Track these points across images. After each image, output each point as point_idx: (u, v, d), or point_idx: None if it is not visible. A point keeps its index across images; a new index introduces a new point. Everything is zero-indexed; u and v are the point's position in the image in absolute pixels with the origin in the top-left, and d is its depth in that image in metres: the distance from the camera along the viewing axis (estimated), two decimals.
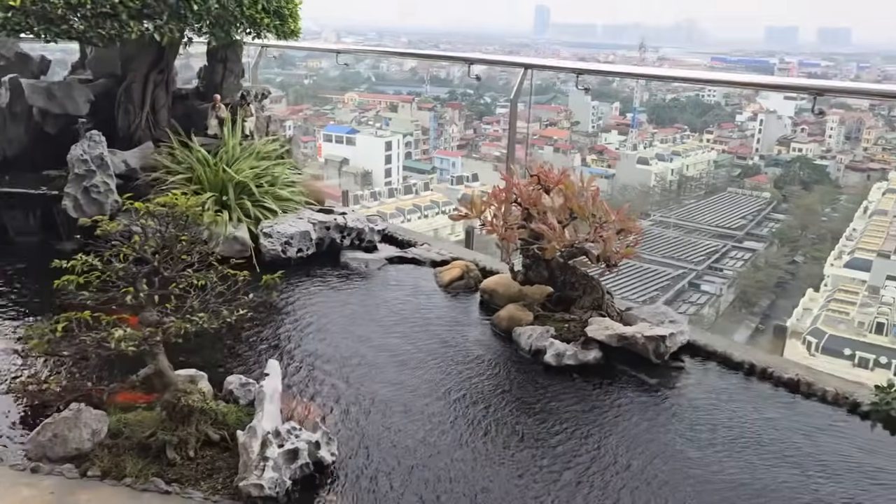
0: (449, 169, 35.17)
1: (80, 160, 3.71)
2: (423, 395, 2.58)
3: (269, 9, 4.09)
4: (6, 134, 4.18)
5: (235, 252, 3.61)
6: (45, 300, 3.15)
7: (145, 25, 3.66)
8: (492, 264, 3.74)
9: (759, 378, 2.76)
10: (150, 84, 4.26)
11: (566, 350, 2.81)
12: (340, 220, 4.00)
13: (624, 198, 29.17)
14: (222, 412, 2.20)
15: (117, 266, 2.07)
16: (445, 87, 40.16)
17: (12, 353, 2.67)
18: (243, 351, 2.83)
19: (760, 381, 2.75)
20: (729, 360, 2.86)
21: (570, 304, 3.10)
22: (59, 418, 2.06)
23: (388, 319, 3.20)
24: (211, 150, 4.08)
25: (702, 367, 2.86)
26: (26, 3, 3.47)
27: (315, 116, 35.69)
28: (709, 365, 2.88)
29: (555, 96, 38.39)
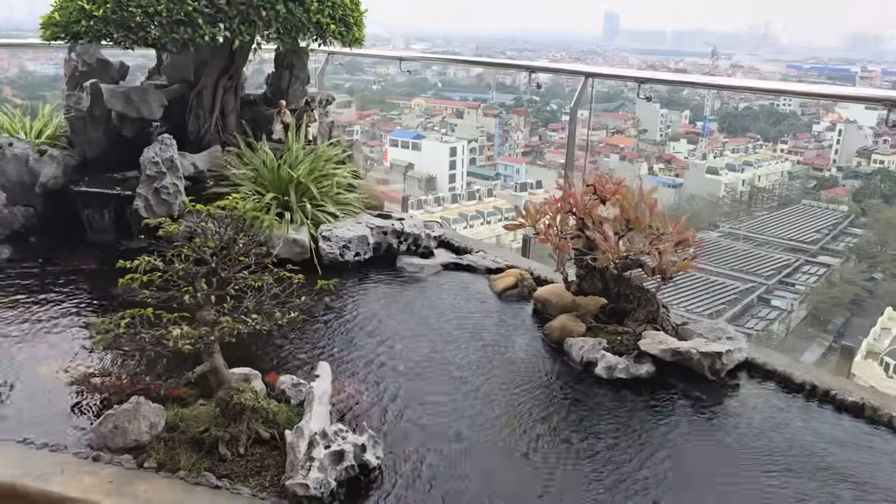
0: (513, 175, 35.08)
1: (152, 162, 3.87)
2: (469, 402, 2.58)
3: (336, 16, 4.18)
4: (86, 136, 4.39)
5: (295, 254, 3.71)
6: (113, 297, 3.30)
7: (217, 29, 3.79)
8: (546, 273, 3.71)
9: (820, 400, 2.66)
10: (220, 89, 4.40)
11: (618, 363, 2.77)
12: (398, 225, 4.04)
13: (692, 208, 28.48)
14: (273, 411, 2.26)
15: (178, 266, 2.15)
16: (511, 93, 40.08)
17: (80, 346, 2.82)
18: (297, 351, 2.90)
19: (822, 404, 2.64)
20: (789, 381, 2.76)
21: (624, 317, 3.05)
22: (120, 410, 2.15)
23: (439, 325, 3.22)
24: (276, 154, 4.19)
25: (759, 387, 2.77)
26: (107, 13, 3.65)
27: (382, 121, 36.18)
28: (767, 384, 2.79)
29: (622, 104, 37.80)
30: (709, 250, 23.44)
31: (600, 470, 2.23)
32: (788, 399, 2.69)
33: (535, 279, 3.66)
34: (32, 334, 2.92)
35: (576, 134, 4.43)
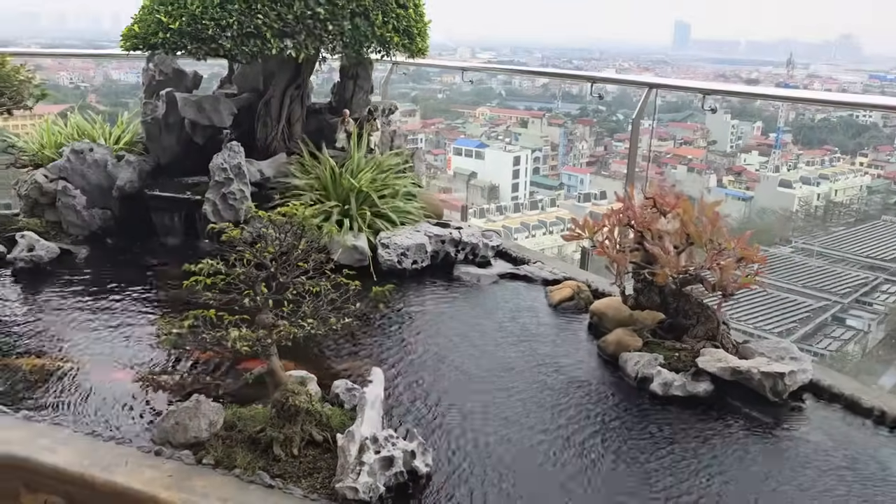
0: (577, 186, 34.67)
1: (221, 168, 4.01)
2: (521, 413, 2.58)
3: (399, 28, 4.26)
4: (161, 142, 4.59)
5: (354, 261, 3.78)
6: (178, 298, 3.43)
7: (285, 43, 3.91)
8: (604, 286, 3.67)
9: (890, 427, 2.54)
10: (287, 99, 4.53)
11: (674, 380, 2.71)
12: (456, 234, 4.07)
13: (762, 222, 27.56)
14: (327, 414, 2.31)
15: (239, 270, 2.22)
16: (577, 103, 39.70)
17: (147, 343, 2.94)
18: (353, 356, 2.95)
19: (891, 430, 2.52)
20: (856, 405, 2.64)
21: (682, 333, 2.99)
22: (182, 407, 2.23)
23: (494, 335, 3.22)
24: (338, 162, 4.28)
25: (824, 410, 2.67)
26: (182, 25, 3.82)
27: (446, 130, 36.34)
28: (832, 408, 2.68)
29: (691, 114, 36.94)
30: (780, 266, 22.64)
31: (654, 492, 2.19)
32: (854, 424, 2.58)
33: (592, 292, 3.62)
34: (103, 330, 3.07)
35: (638, 145, 4.37)
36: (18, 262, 3.73)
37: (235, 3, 3.78)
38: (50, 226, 4.22)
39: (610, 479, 2.24)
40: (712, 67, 55.36)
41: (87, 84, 18.20)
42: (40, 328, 3.08)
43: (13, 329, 3.06)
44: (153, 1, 4.01)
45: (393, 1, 4.18)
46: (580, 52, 66.04)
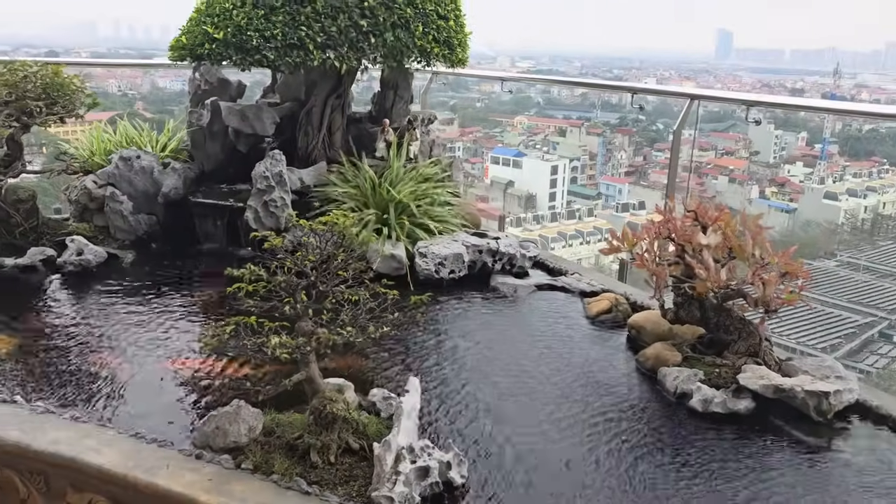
0: (615, 196, 34.39)
1: (263, 176, 4.08)
2: (557, 427, 2.56)
3: (440, 39, 4.29)
4: (205, 150, 4.68)
5: (392, 269, 3.81)
6: (220, 303, 3.50)
7: (327, 54, 3.97)
8: (642, 299, 3.63)
9: None
10: (328, 108, 4.59)
11: (714, 396, 2.67)
12: (493, 244, 4.07)
13: (807, 235, 26.94)
14: (363, 422, 2.32)
15: (280, 278, 2.26)
16: (616, 112, 39.39)
17: (189, 348, 3.00)
18: (390, 365, 2.96)
19: None
20: None
21: (723, 349, 2.94)
22: (222, 412, 2.27)
23: (531, 347, 3.21)
24: (377, 171, 4.32)
25: (871, 432, 2.60)
26: (227, 36, 3.90)
27: (484, 139, 36.36)
28: (880, 429, 2.60)
29: (734, 124, 36.35)
30: (825, 280, 22.09)
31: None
32: None
33: (630, 304, 3.58)
34: (147, 335, 3.14)
35: (679, 156, 4.32)
36: (68, 266, 3.84)
37: (280, 16, 3.85)
38: (98, 230, 4.34)
39: (648, 496, 2.21)
40: (756, 77, 54.44)
41: (135, 92, 18.69)
42: (86, 331, 3.16)
43: (61, 331, 3.15)
44: (200, 13, 4.11)
45: (434, 13, 4.21)
46: (620, 62, 65.55)
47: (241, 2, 3.92)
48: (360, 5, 3.95)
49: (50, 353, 2.94)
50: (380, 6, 3.98)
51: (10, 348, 2.95)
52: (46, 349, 2.97)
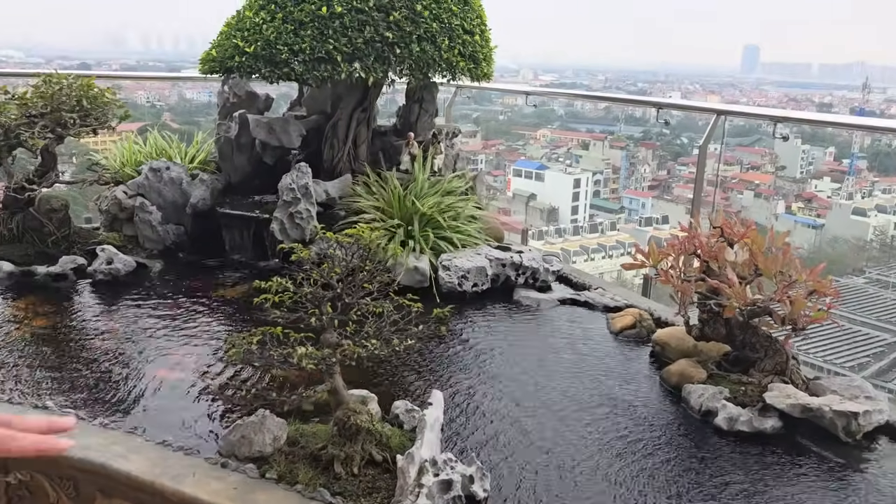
0: (638, 209, 34.23)
1: (289, 188, 4.13)
2: (579, 442, 2.55)
3: (466, 53, 4.32)
4: (232, 162, 4.75)
5: (415, 282, 3.83)
6: (246, 313, 3.54)
7: (354, 66, 4.02)
8: (666, 315, 3.61)
9: None
10: (354, 121, 4.64)
11: (740, 415, 2.64)
12: (516, 258, 4.07)
13: (834, 251, 26.56)
14: (387, 434, 2.33)
15: (306, 290, 2.29)
16: (640, 126, 39.25)
17: (216, 357, 3.04)
18: (412, 377, 2.98)
19: None
20: None
21: (749, 366, 2.91)
22: (248, 421, 2.30)
23: (553, 362, 3.21)
24: (402, 184, 4.35)
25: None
26: (257, 50, 3.97)
27: (507, 151, 36.42)
28: None
29: (759, 139, 36.06)
30: (853, 298, 21.71)
31: None
32: None
33: (654, 320, 3.56)
34: (175, 343, 3.19)
35: (705, 171, 4.29)
36: (98, 275, 3.91)
37: (308, 30, 3.91)
38: (127, 240, 4.42)
39: None
40: (782, 91, 53.95)
41: (163, 103, 19.03)
42: (114, 339, 3.21)
43: (90, 338, 3.21)
44: (231, 27, 4.19)
45: (460, 27, 4.25)
46: (644, 75, 65.32)
47: (271, 16, 3.99)
48: (386, 19, 4.00)
49: (80, 360, 2.99)
50: (405, 19, 4.03)
51: (42, 356, 3.01)
52: (77, 356, 3.03)
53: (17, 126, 3.93)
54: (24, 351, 3.04)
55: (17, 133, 3.93)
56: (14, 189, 4.01)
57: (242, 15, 4.18)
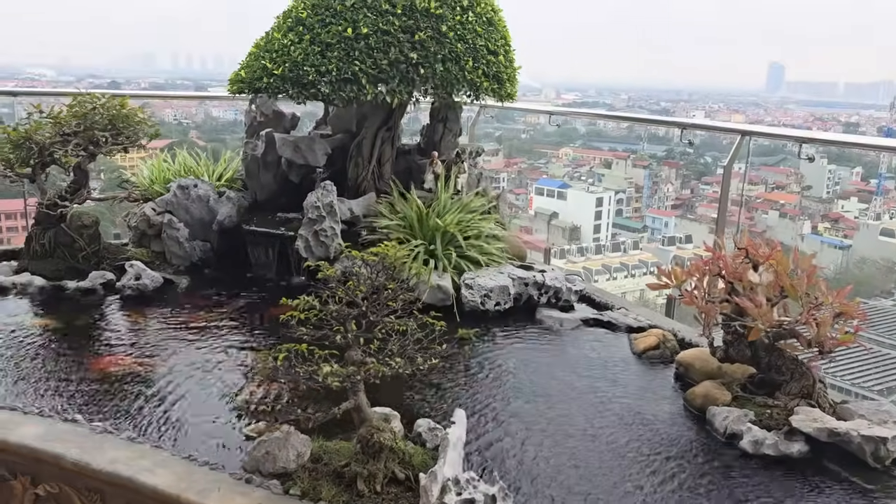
0: (661, 229, 34.00)
1: (314, 206, 4.18)
2: (601, 463, 2.54)
3: (489, 73, 4.36)
4: (259, 180, 4.82)
5: (438, 300, 3.84)
6: (272, 329, 3.57)
7: (379, 88, 4.07)
8: (690, 336, 3.59)
9: None
10: (379, 140, 4.69)
11: (766, 438, 2.61)
12: (539, 277, 4.08)
13: (861, 272, 26.13)
14: (409, 453, 2.34)
15: (332, 307, 2.31)
16: (663, 145, 39.08)
17: (242, 373, 3.08)
18: (435, 396, 2.98)
19: None
20: None
21: (775, 389, 2.88)
22: (272, 438, 2.32)
23: (576, 381, 3.20)
24: (425, 203, 4.38)
25: None
26: (285, 71, 4.04)
27: (529, 170, 36.39)
28: None
29: (784, 158, 35.72)
30: (881, 320, 21.32)
31: None
32: None
33: (678, 341, 3.54)
34: (201, 358, 3.23)
35: (729, 192, 4.27)
36: (126, 290, 3.98)
37: (335, 51, 3.98)
38: (155, 256, 4.49)
39: None
40: (808, 110, 53.48)
41: (189, 120, 19.36)
42: (142, 353, 3.26)
43: (118, 352, 3.26)
44: (259, 48, 4.28)
45: (484, 48, 4.29)
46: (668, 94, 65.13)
47: (299, 38, 4.06)
48: (411, 40, 4.06)
49: (108, 374, 3.04)
50: (430, 39, 4.08)
51: (71, 369, 3.07)
52: (105, 370, 3.08)
53: (51, 144, 4.03)
54: (54, 365, 3.10)
55: (51, 151, 4.03)
56: (47, 206, 4.11)
57: (271, 37, 4.27)
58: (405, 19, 4.05)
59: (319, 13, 4.08)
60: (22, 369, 3.05)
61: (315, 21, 4.07)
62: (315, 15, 4.09)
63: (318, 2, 4.13)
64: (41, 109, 4.18)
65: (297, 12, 4.17)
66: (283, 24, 4.23)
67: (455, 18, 4.16)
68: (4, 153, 4.05)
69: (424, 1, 4.08)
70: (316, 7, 4.11)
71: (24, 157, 4.08)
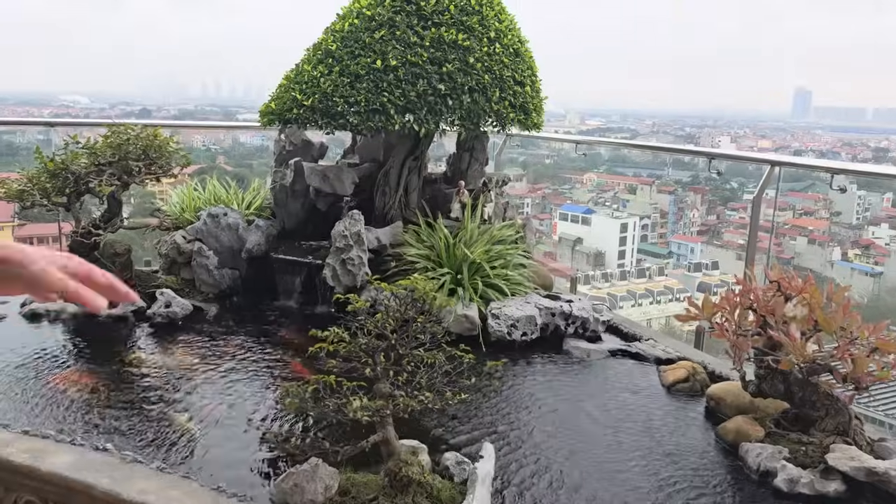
0: (686, 255, 33.69)
1: (342, 235, 4.21)
2: (632, 500, 2.49)
3: (516, 104, 4.39)
4: (287, 208, 4.88)
5: (464, 329, 3.84)
6: (300, 359, 3.59)
7: (407, 118, 4.12)
8: (721, 369, 3.53)
9: None
10: (406, 169, 4.73)
11: (801, 476, 2.55)
12: (566, 307, 4.05)
13: (894, 300, 25.59)
14: (437, 487, 2.32)
15: (361, 340, 2.32)
16: (688, 170, 38.83)
17: (269, 404, 3.09)
18: (461, 428, 2.96)
19: None
20: None
21: (809, 425, 2.82)
22: (300, 470, 2.31)
23: (604, 415, 3.16)
24: (451, 232, 4.40)
25: None
26: (315, 102, 4.11)
27: (553, 195, 36.36)
28: None
29: (812, 184, 35.31)
30: None
31: None
32: None
33: (708, 374, 3.49)
34: (229, 387, 3.25)
35: (758, 225, 4.23)
36: (157, 317, 4.03)
37: (364, 83, 4.03)
38: (184, 283, 4.55)
39: None
40: (835, 135, 52.92)
41: (217, 146, 19.69)
42: (169, 381, 3.29)
43: (149, 381, 3.30)
44: (290, 80, 4.35)
45: (511, 78, 4.33)
46: (693, 119, 64.88)
47: (329, 70, 4.13)
48: (439, 71, 4.10)
49: (137, 402, 3.07)
50: (458, 71, 4.13)
51: (101, 397, 3.11)
52: (134, 398, 3.11)
53: (86, 174, 4.13)
54: (83, 392, 3.14)
55: (87, 181, 4.12)
56: (81, 234, 4.19)
57: (301, 68, 4.34)
58: (433, 51, 4.11)
59: (349, 45, 4.15)
60: (45, 394, 3.09)
61: (344, 53, 4.14)
62: (345, 47, 4.16)
63: (347, 34, 4.20)
64: (77, 140, 4.29)
65: (327, 45, 4.25)
66: (313, 56, 4.31)
67: (482, 50, 4.21)
68: (42, 182, 4.15)
69: (452, 33, 4.14)
70: (345, 39, 4.19)
71: (61, 187, 4.18)
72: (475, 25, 4.23)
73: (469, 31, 4.21)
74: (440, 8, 4.20)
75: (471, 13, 4.25)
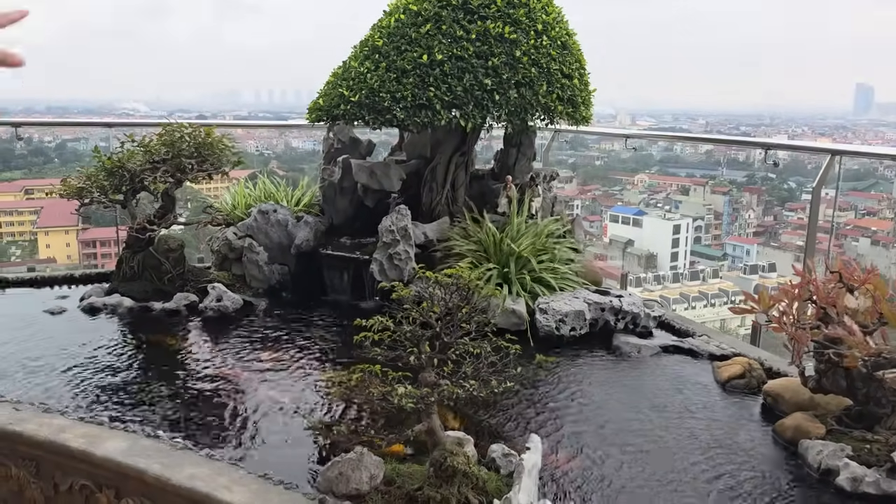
0: (742, 257, 32.82)
1: (388, 230, 4.22)
2: (686, 496, 2.41)
3: (564, 97, 4.33)
4: (335, 205, 4.92)
5: (511, 324, 3.79)
6: (346, 351, 3.60)
7: (453, 113, 4.10)
8: (778, 365, 3.41)
9: None
10: (453, 165, 4.71)
11: (865, 475, 2.43)
12: (616, 302, 3.97)
13: None
14: (483, 478, 2.29)
15: (406, 328, 2.31)
16: (743, 170, 37.89)
17: (317, 394, 3.10)
18: (508, 421, 2.92)
19: None
20: None
21: (874, 423, 2.69)
22: (346, 459, 2.31)
23: (655, 410, 3.08)
24: (498, 227, 4.36)
25: None
26: (361, 99, 4.13)
27: (603, 197, 35.87)
28: None
29: (876, 183, 34.01)
30: None
31: None
32: None
33: (764, 370, 3.37)
34: (277, 377, 3.28)
35: (818, 217, 4.07)
36: (208, 311, 4.11)
37: (410, 78, 4.03)
38: (235, 278, 4.62)
39: None
40: None
41: (270, 151, 20.04)
42: (221, 372, 3.34)
43: (200, 370, 3.35)
44: (337, 77, 4.39)
45: (558, 71, 4.27)
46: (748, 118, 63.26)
47: (375, 66, 4.15)
48: (485, 65, 4.08)
49: (188, 392, 3.12)
50: (504, 66, 4.09)
51: (154, 387, 3.17)
52: (185, 388, 3.17)
53: (141, 171, 4.23)
54: (137, 382, 3.21)
55: (142, 178, 4.23)
56: (137, 230, 4.30)
57: (348, 65, 4.37)
58: (479, 45, 4.08)
59: (395, 41, 4.16)
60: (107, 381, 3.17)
61: (391, 49, 4.15)
62: (391, 43, 4.17)
63: (393, 30, 4.21)
64: (133, 139, 4.41)
65: (374, 41, 4.26)
66: (360, 52, 4.33)
67: (529, 43, 4.17)
68: (100, 180, 4.28)
69: (499, 26, 4.10)
70: (392, 35, 4.20)
71: (118, 184, 4.30)
72: (522, 18, 4.19)
73: (516, 23, 4.17)
74: (486, 1, 4.17)
75: (517, 6, 4.21)
